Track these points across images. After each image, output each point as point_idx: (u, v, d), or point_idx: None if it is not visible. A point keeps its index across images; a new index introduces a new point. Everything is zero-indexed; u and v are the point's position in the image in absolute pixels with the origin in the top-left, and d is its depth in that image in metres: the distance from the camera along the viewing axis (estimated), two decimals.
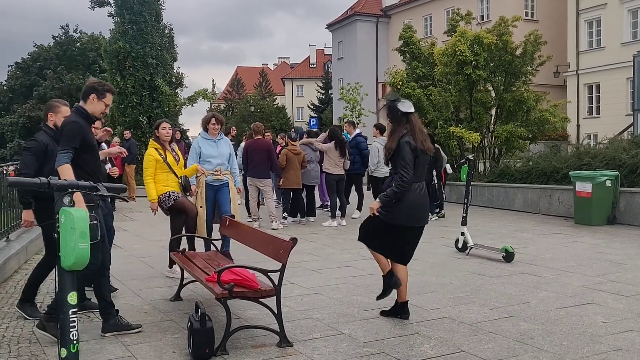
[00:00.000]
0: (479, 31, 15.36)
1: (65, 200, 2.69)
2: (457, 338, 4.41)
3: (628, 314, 5.00)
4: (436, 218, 11.61)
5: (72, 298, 2.64)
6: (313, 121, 35.58)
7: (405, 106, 4.83)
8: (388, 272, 4.91)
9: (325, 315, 5.04)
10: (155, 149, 6.57)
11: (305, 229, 10.49)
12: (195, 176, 7.12)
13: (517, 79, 15.52)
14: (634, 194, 10.30)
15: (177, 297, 5.63)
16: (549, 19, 30.74)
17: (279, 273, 4.23)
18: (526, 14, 30.75)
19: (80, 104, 4.59)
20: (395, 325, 4.73)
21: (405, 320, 4.85)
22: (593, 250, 8.05)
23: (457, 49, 14.73)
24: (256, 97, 58.05)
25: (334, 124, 28.20)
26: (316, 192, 12.21)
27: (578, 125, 28.49)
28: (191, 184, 6.95)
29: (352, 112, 28.33)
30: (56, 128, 5.12)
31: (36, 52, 46.20)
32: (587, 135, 26.40)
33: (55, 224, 2.67)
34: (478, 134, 14.86)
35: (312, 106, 59.13)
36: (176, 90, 23.38)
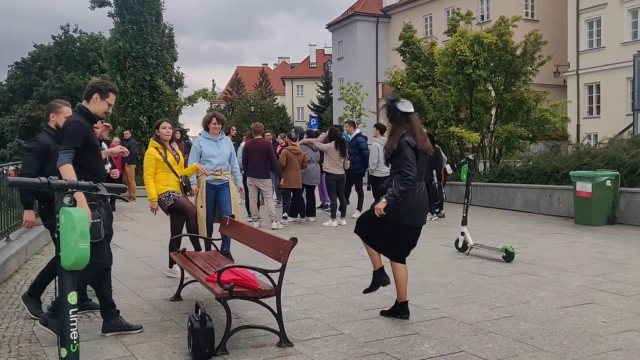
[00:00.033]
0: (479, 31, 15.36)
1: (65, 200, 2.69)
2: (457, 338, 4.41)
3: (628, 313, 5.00)
4: (436, 218, 11.62)
5: (72, 298, 2.64)
6: (313, 121, 35.59)
7: (404, 106, 4.84)
8: (379, 269, 4.98)
9: (325, 315, 5.04)
10: (156, 148, 6.56)
11: (306, 229, 10.49)
12: (196, 175, 7.11)
13: (517, 78, 15.52)
14: (634, 193, 10.30)
15: (177, 297, 5.63)
16: (549, 19, 30.75)
17: (279, 273, 4.23)
18: (526, 14, 30.76)
19: (83, 103, 4.59)
20: (395, 325, 4.73)
21: (405, 320, 4.85)
22: (593, 250, 8.05)
23: (457, 49, 14.73)
24: (256, 97, 58.06)
25: (334, 124, 28.21)
26: (316, 192, 12.21)
27: (578, 125, 28.50)
28: (192, 183, 6.95)
29: (352, 112, 28.34)
30: (58, 128, 5.12)
31: (36, 52, 46.21)
32: (587, 135, 26.40)
33: (56, 223, 2.67)
34: (478, 134, 14.86)
35: (312, 106, 59.13)
36: (176, 90, 23.40)
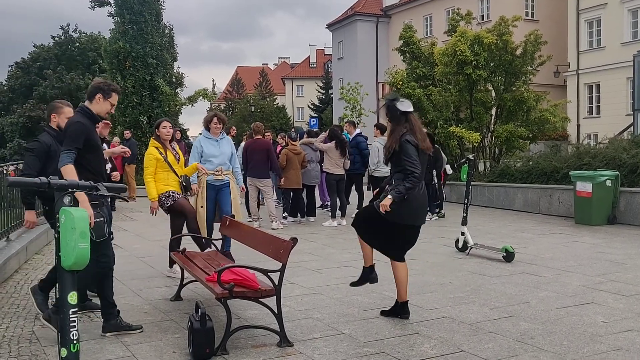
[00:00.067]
0: (479, 31, 15.36)
1: (66, 200, 2.69)
2: (457, 338, 4.41)
3: (628, 313, 5.00)
4: (436, 218, 11.62)
5: (72, 298, 2.64)
6: (313, 121, 35.60)
7: (404, 105, 4.85)
8: (370, 266, 5.01)
9: (325, 315, 5.04)
10: (156, 147, 6.56)
11: (306, 229, 10.49)
12: (197, 175, 7.10)
13: (517, 78, 15.52)
14: (634, 193, 10.30)
15: (178, 297, 5.63)
16: (549, 19, 30.74)
17: (279, 273, 4.23)
18: (526, 14, 30.76)
19: (86, 103, 4.58)
20: (396, 325, 4.73)
21: (405, 320, 4.85)
22: (593, 250, 8.05)
23: (458, 49, 14.73)
24: (256, 97, 58.04)
25: (334, 123, 28.21)
26: (316, 192, 12.21)
27: (578, 125, 28.49)
28: (193, 183, 6.94)
29: (352, 112, 28.34)
30: (59, 129, 5.12)
31: (36, 52, 46.20)
32: (587, 135, 26.39)
33: (56, 223, 2.67)
34: (478, 134, 14.86)
35: (312, 106, 59.11)
36: (176, 90, 23.40)
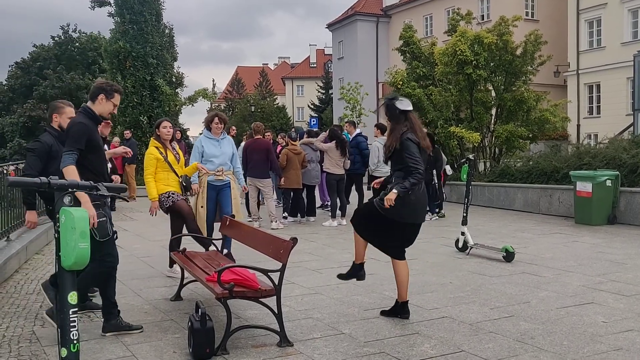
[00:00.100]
0: (479, 31, 15.36)
1: (66, 200, 2.69)
2: (458, 338, 4.41)
3: (628, 313, 5.00)
4: (436, 218, 11.62)
5: (72, 298, 2.63)
6: (313, 121, 35.63)
7: (403, 104, 4.85)
8: (360, 263, 5.06)
9: (325, 315, 5.04)
10: (156, 147, 6.55)
11: (306, 229, 10.49)
12: (198, 175, 7.09)
13: (518, 78, 15.52)
14: (634, 193, 10.29)
15: (178, 297, 5.63)
16: (549, 19, 30.74)
17: (279, 273, 4.23)
18: (526, 14, 30.76)
19: (88, 104, 4.57)
20: (396, 325, 4.73)
21: (405, 320, 4.85)
22: (593, 250, 8.05)
23: (458, 49, 14.73)
24: (256, 97, 58.06)
25: (334, 123, 28.22)
26: (316, 192, 12.21)
27: (578, 125, 28.49)
28: (193, 182, 6.93)
29: (353, 112, 28.34)
30: (61, 129, 5.12)
31: (36, 52, 46.18)
32: (588, 135, 26.38)
33: (56, 223, 2.67)
34: (478, 134, 14.86)
35: (313, 106, 59.12)
36: (176, 90, 23.38)
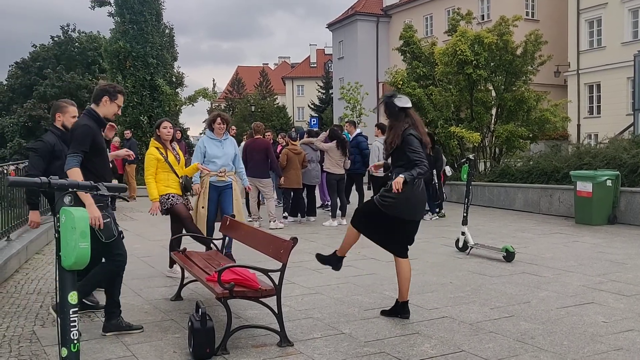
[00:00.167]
0: (479, 31, 15.35)
1: (66, 199, 2.69)
2: (458, 338, 4.41)
3: (629, 313, 4.99)
4: (437, 218, 11.62)
5: (73, 297, 2.63)
6: (313, 121, 35.65)
7: (402, 101, 4.85)
8: (341, 257, 5.17)
9: (325, 315, 5.04)
10: (157, 148, 6.55)
11: (306, 229, 10.49)
12: (200, 175, 7.07)
13: (518, 78, 15.51)
14: (635, 193, 10.29)
15: (178, 297, 5.63)
16: (549, 19, 30.74)
17: (279, 273, 4.23)
18: (527, 14, 30.75)
19: (92, 106, 4.56)
20: (396, 325, 4.73)
21: (405, 319, 4.85)
22: (594, 249, 8.05)
23: (458, 49, 14.72)
24: (257, 97, 58.06)
25: (334, 123, 28.23)
26: (317, 192, 12.21)
27: (578, 125, 28.48)
28: (195, 182, 6.92)
29: (353, 112, 28.35)
30: (64, 128, 5.13)
31: (36, 52, 46.20)
32: (588, 135, 26.36)
33: (56, 223, 2.67)
34: (478, 134, 14.85)
35: (313, 106, 59.11)
36: (176, 90, 23.39)
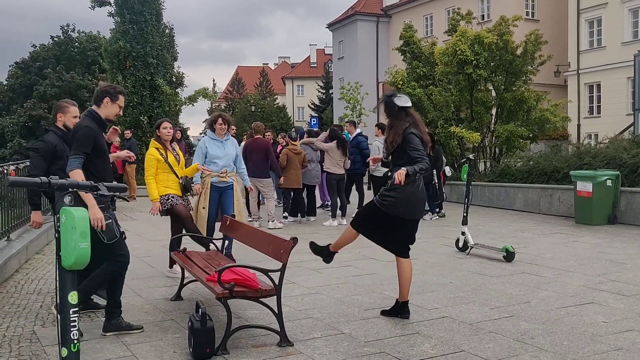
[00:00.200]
0: (479, 31, 15.35)
1: (66, 199, 2.69)
2: (458, 338, 4.41)
3: (629, 313, 5.00)
4: (437, 218, 11.62)
5: (73, 297, 2.63)
6: (314, 121, 35.66)
7: (402, 100, 4.85)
8: (334, 252, 5.19)
9: (325, 315, 5.04)
10: (157, 148, 6.54)
11: (306, 229, 10.49)
12: (201, 176, 7.07)
13: (518, 78, 15.51)
14: (635, 193, 10.29)
15: (178, 297, 5.63)
16: (549, 19, 30.74)
17: (279, 273, 4.23)
18: (527, 14, 30.75)
19: (93, 108, 4.56)
20: (396, 325, 4.73)
21: (405, 319, 4.85)
22: (594, 249, 8.05)
23: (458, 49, 14.72)
24: (257, 97, 58.06)
25: (334, 123, 28.24)
26: (317, 192, 12.21)
27: (579, 125, 28.48)
28: (196, 183, 6.91)
29: (353, 112, 28.35)
30: (66, 128, 5.13)
31: (36, 52, 46.20)
32: (588, 135, 26.35)
33: (56, 223, 2.67)
34: (478, 134, 14.85)
35: (313, 106, 59.11)
36: (176, 90, 23.40)
